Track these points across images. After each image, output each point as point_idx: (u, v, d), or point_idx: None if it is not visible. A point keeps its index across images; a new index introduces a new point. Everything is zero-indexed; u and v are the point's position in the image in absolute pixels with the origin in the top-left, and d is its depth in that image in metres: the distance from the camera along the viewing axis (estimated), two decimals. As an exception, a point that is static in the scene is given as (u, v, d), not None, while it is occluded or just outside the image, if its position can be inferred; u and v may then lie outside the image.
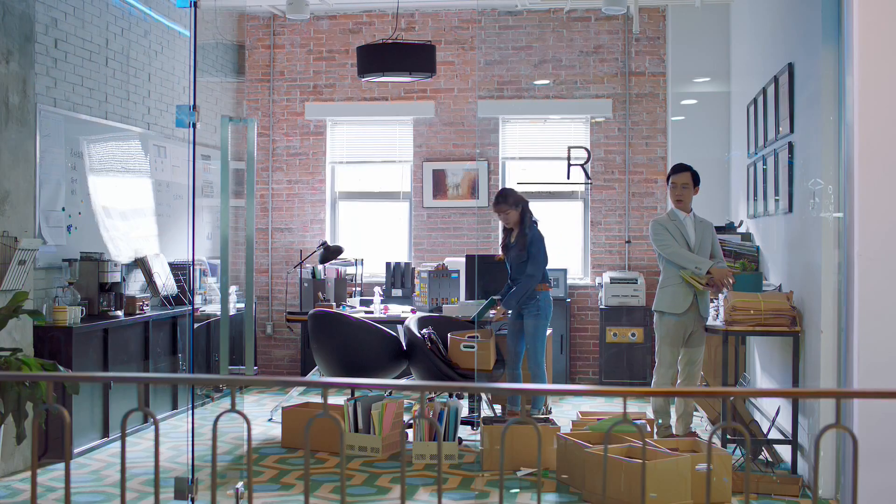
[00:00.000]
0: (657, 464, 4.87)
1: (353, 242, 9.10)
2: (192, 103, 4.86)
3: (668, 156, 8.87)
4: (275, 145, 9.40)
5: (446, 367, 6.27)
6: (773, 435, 5.91)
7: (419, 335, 6.42)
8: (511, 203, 6.51)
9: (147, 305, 6.94)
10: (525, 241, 6.45)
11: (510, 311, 6.52)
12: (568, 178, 8.42)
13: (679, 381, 6.14)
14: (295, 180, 9.39)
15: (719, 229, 7.32)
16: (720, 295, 6.05)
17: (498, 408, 6.87)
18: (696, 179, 6.19)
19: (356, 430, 6.19)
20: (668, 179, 6.29)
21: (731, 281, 5.94)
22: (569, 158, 8.38)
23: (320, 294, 7.53)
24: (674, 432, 6.09)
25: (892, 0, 4.39)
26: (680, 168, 6.22)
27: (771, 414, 6.05)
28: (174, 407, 7.30)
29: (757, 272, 6.70)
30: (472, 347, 6.30)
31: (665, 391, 5.96)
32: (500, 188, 9.13)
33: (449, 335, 6.50)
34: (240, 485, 4.94)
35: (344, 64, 9.29)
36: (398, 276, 8.48)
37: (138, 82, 7.51)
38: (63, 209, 6.45)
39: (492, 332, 6.54)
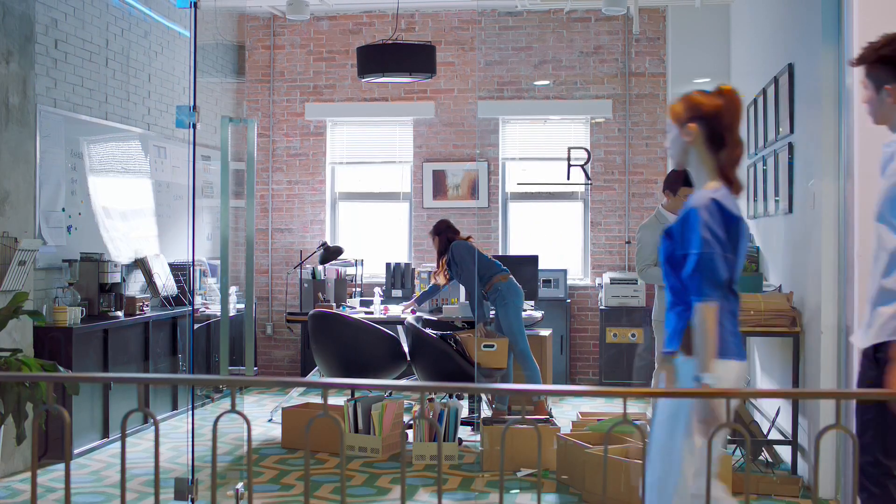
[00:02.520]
0: (657, 464, 4.86)
1: (353, 243, 9.10)
2: (192, 104, 4.85)
3: (668, 157, 8.87)
4: (275, 146, 9.40)
5: (471, 369, 6.31)
6: (773, 435, 5.91)
7: (434, 335, 6.44)
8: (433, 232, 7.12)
9: (147, 306, 6.94)
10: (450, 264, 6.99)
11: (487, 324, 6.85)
12: (568, 178, 8.42)
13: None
14: (295, 181, 9.39)
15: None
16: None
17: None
18: None
19: (356, 430, 6.19)
20: (674, 188, 6.21)
21: None
22: (569, 159, 8.38)
23: (320, 294, 7.53)
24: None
25: (892, 0, 4.39)
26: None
27: (771, 414, 6.05)
28: (174, 407, 7.30)
29: (757, 273, 6.70)
30: (493, 347, 6.38)
31: (665, 392, 5.95)
32: (501, 188, 9.14)
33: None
34: (240, 485, 4.94)
35: (344, 64, 9.29)
36: (398, 277, 8.48)
37: (138, 83, 7.51)
38: (63, 210, 6.45)
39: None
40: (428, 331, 6.55)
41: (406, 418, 6.54)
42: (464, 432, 6.61)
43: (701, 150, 3.18)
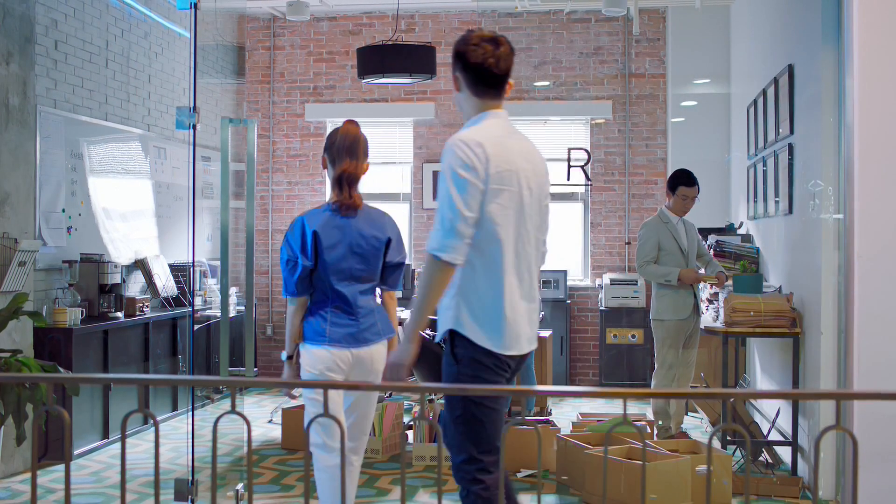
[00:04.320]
0: (657, 465, 4.87)
1: (353, 244, 9.09)
2: (192, 105, 4.86)
3: (668, 157, 8.87)
4: (275, 146, 9.40)
5: None
6: (773, 436, 5.91)
7: (427, 337, 6.44)
8: None
9: (147, 307, 6.94)
10: None
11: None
12: (568, 179, 8.42)
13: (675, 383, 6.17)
14: (295, 182, 9.40)
15: (719, 231, 7.34)
16: (720, 295, 6.07)
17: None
18: None
19: (356, 431, 6.18)
20: (673, 187, 6.25)
21: (701, 279, 6.11)
22: (569, 160, 8.38)
23: (320, 295, 7.51)
24: (671, 432, 6.10)
25: (892, 1, 4.39)
26: (693, 180, 6.21)
27: (771, 415, 6.05)
28: (174, 408, 7.30)
29: (757, 274, 6.70)
30: None
31: (666, 392, 5.95)
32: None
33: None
34: (240, 486, 4.94)
35: (344, 65, 9.29)
36: (398, 278, 8.47)
37: (138, 84, 7.51)
38: (63, 211, 6.45)
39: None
40: (427, 332, 6.55)
41: (406, 419, 6.54)
42: (464, 433, 6.60)
43: (329, 173, 4.18)
